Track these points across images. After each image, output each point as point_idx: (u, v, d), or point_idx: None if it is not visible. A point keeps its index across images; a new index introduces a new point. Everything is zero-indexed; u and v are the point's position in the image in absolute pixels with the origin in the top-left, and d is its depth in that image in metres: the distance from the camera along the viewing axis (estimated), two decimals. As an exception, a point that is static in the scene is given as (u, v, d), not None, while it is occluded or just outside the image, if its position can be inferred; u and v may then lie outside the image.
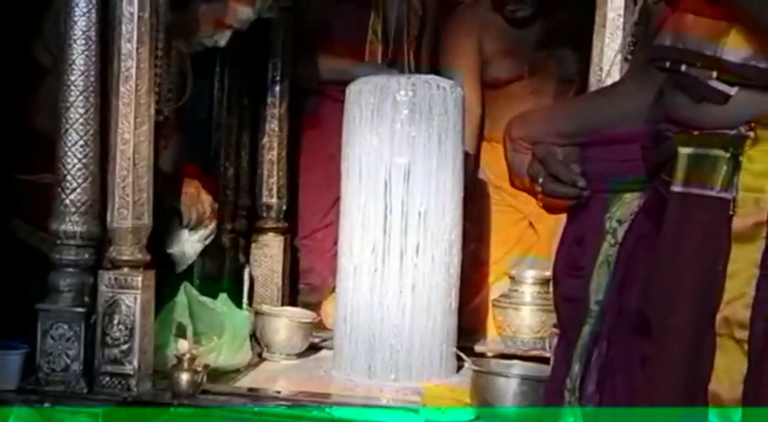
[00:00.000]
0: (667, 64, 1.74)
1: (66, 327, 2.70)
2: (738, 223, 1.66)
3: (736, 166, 1.66)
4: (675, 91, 1.74)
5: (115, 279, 2.71)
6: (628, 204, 1.87)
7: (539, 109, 2.52)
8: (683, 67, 1.72)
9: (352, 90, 3.06)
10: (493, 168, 3.73)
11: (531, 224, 3.83)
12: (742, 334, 1.64)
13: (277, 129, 3.67)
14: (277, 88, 3.66)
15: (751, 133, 1.65)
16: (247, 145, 3.72)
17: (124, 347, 2.71)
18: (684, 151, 1.74)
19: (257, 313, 3.35)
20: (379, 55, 3.83)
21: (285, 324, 3.29)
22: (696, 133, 1.72)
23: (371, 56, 3.82)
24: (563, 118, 2.00)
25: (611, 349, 1.84)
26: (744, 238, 1.65)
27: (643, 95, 1.85)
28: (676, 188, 1.74)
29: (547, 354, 3.06)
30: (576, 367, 1.87)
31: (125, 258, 2.72)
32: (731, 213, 1.66)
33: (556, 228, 3.58)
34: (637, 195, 1.85)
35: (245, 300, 3.49)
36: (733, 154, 1.66)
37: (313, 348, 3.39)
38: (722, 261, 1.66)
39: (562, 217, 3.41)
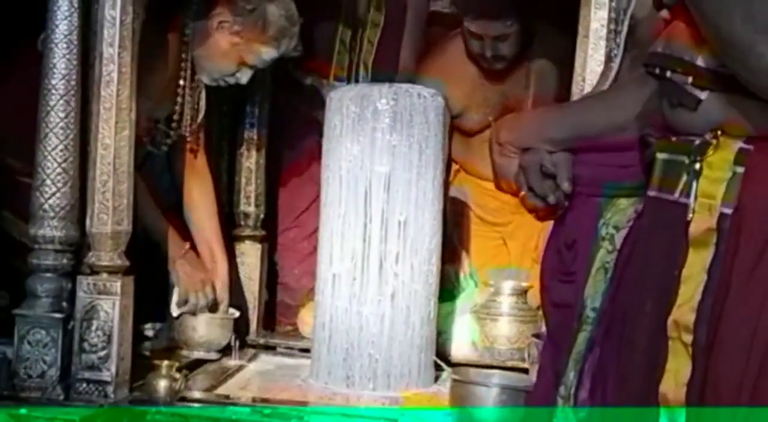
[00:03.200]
0: (657, 71, 1.77)
1: (43, 332, 2.69)
2: (693, 229, 1.70)
3: (697, 173, 1.69)
4: (662, 97, 1.78)
5: (94, 284, 2.69)
6: (624, 210, 1.89)
7: (529, 114, 2.51)
8: (668, 73, 1.76)
9: (333, 98, 3.06)
10: (476, 200, 3.82)
11: (504, 241, 3.85)
12: (688, 338, 1.68)
13: (255, 136, 3.66)
14: (256, 96, 3.65)
15: (714, 141, 1.69)
16: (225, 153, 3.71)
17: (102, 353, 2.69)
18: (660, 156, 1.78)
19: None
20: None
21: (203, 320, 3.28)
22: (674, 139, 1.75)
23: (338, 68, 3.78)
24: (555, 124, 2.01)
25: (603, 356, 1.85)
26: (698, 244, 1.69)
27: (640, 105, 1.87)
28: (652, 193, 1.79)
29: (525, 365, 3.08)
30: (571, 375, 1.88)
31: (104, 263, 2.70)
32: (688, 218, 1.69)
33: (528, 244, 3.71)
34: (633, 201, 1.87)
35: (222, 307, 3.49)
36: (693, 161, 1.70)
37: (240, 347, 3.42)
38: (680, 266, 1.69)
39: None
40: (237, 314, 3.44)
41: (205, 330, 3.29)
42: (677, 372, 1.67)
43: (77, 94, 2.72)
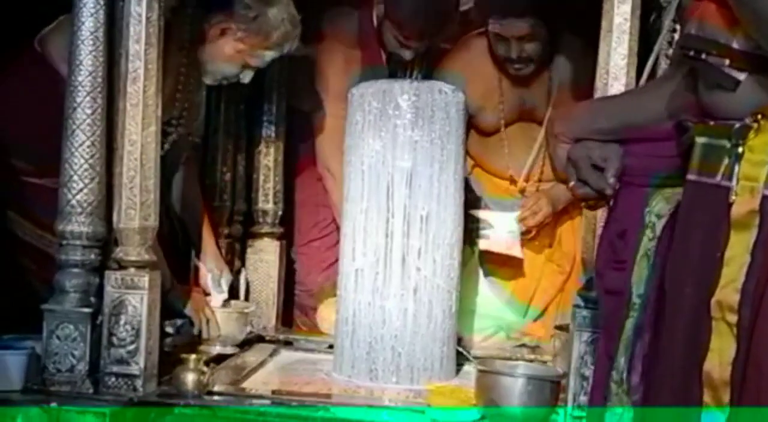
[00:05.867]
0: (692, 53, 1.80)
1: (72, 327, 2.70)
2: (735, 211, 1.72)
3: (738, 156, 1.72)
4: (698, 80, 1.80)
5: (122, 279, 2.71)
6: (667, 198, 1.91)
7: (580, 105, 2.53)
8: (703, 55, 1.78)
9: (355, 94, 3.08)
10: (491, 196, 3.83)
11: None
12: (732, 318, 1.71)
13: (273, 134, 3.69)
14: (274, 94, 3.68)
15: (755, 124, 1.71)
16: (243, 150, 3.73)
17: (131, 347, 2.71)
18: (700, 140, 1.80)
19: None
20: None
21: (219, 315, 3.32)
22: (712, 123, 1.78)
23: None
24: (604, 115, 2.04)
25: (654, 341, 1.87)
26: (740, 226, 1.72)
27: (685, 94, 1.90)
28: (691, 176, 1.81)
29: (547, 357, 3.12)
30: (621, 360, 1.91)
31: (132, 258, 2.72)
32: (730, 201, 1.71)
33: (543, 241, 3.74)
34: (678, 190, 1.90)
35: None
36: (735, 144, 1.72)
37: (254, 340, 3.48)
38: (722, 248, 1.71)
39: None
40: (252, 308, 3.47)
41: (222, 324, 3.31)
42: (721, 351, 1.70)
43: (103, 90, 2.73)
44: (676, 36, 2.23)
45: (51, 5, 3.08)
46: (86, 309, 2.71)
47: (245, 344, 3.41)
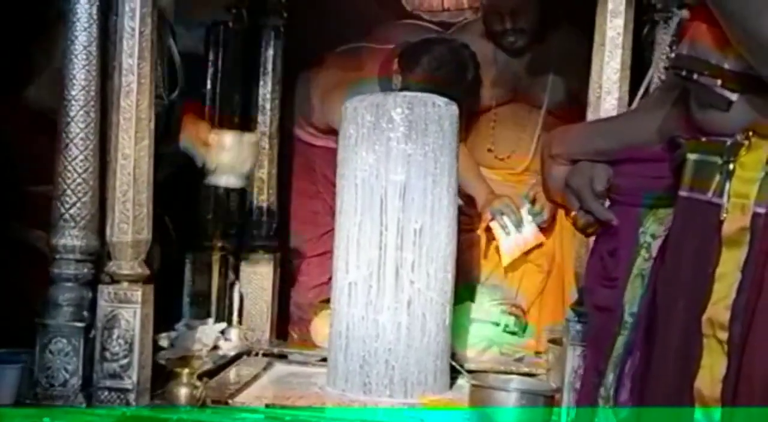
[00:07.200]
0: (684, 73, 1.80)
1: (65, 341, 2.70)
2: (726, 228, 1.72)
3: (730, 173, 1.72)
4: (691, 99, 1.81)
5: (115, 293, 2.71)
6: (662, 219, 1.92)
7: (578, 126, 2.54)
8: (695, 76, 1.78)
9: (348, 107, 3.08)
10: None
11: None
12: (723, 335, 1.70)
13: (267, 147, 3.69)
14: (268, 106, 3.69)
15: (746, 141, 1.71)
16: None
17: (124, 361, 2.70)
18: (691, 157, 1.80)
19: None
20: None
21: (230, 139, 3.20)
22: (704, 139, 1.78)
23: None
24: (603, 135, 2.05)
25: (644, 359, 1.87)
26: (731, 243, 1.71)
27: (679, 114, 1.90)
28: (683, 193, 1.81)
29: (540, 371, 3.11)
30: (610, 377, 1.91)
31: (125, 272, 2.72)
32: (722, 218, 1.71)
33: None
34: (671, 210, 1.90)
35: (235, 317, 3.53)
36: (727, 161, 1.72)
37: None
38: (713, 264, 1.72)
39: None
40: (258, 138, 3.45)
41: (233, 149, 3.17)
42: (712, 368, 1.70)
43: (97, 104, 2.73)
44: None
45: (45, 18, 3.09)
46: (79, 324, 2.70)
47: (238, 357, 3.40)
